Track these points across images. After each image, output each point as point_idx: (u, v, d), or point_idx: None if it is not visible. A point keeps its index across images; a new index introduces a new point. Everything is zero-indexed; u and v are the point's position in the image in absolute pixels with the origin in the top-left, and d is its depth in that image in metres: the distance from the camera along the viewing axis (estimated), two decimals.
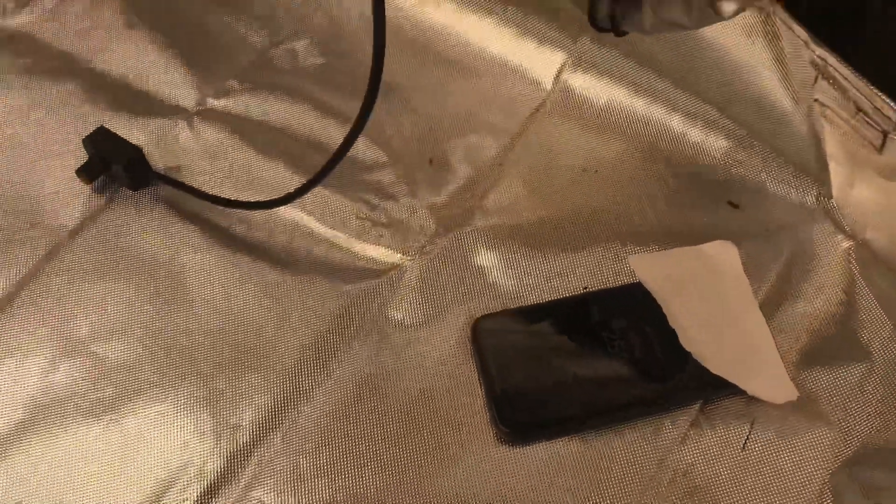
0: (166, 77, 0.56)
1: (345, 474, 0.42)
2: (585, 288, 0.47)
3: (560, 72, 0.54)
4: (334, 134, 0.54)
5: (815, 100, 0.44)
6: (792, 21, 0.43)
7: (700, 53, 0.50)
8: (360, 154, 0.53)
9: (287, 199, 0.48)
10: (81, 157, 0.51)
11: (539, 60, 0.55)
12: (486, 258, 0.48)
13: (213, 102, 0.55)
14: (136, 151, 0.51)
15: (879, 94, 0.39)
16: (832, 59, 0.41)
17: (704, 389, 0.43)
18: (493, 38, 0.56)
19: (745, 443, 0.42)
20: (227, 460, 0.42)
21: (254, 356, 0.45)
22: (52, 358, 0.45)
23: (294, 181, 0.51)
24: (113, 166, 0.51)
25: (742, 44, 0.47)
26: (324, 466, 0.42)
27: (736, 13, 0.35)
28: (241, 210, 0.50)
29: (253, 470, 0.42)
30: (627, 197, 0.50)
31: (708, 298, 0.45)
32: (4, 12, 0.60)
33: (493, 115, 0.54)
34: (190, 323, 0.46)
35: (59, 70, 0.56)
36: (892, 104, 0.38)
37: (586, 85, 0.53)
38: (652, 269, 0.46)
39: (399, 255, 0.49)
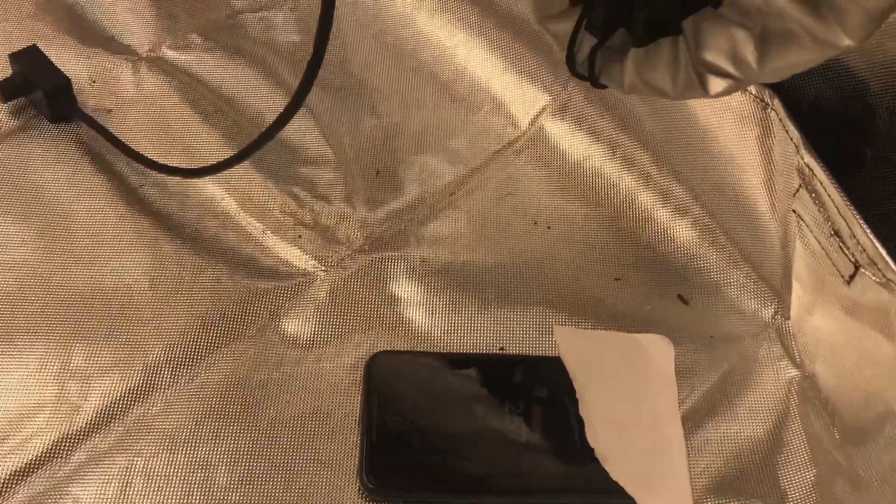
0: (125, 13, 0.52)
1: (177, 491, 0.37)
2: (501, 349, 0.42)
3: (539, 114, 0.50)
4: None
5: (793, 211, 0.39)
6: (788, 120, 0.38)
7: (687, 130, 0.46)
8: (305, 145, 0.49)
9: (206, 171, 0.44)
10: (5, 72, 0.47)
11: (521, 97, 0.50)
12: (405, 289, 0.44)
13: (167, 52, 0.51)
14: (64, 81, 0.46)
15: (860, 220, 0.34)
16: (819, 171, 0.36)
17: (594, 492, 0.38)
18: (480, 63, 0.52)
19: None
20: (55, 442, 0.37)
21: (121, 333, 0.41)
22: None
23: (226, 155, 0.46)
24: (35, 90, 0.46)
25: (733, 131, 0.43)
26: (155, 476, 0.37)
27: (723, 94, 0.31)
28: (158, 173, 0.45)
29: (78, 460, 0.37)
30: (574, 263, 0.45)
31: (628, 394, 0.41)
32: None
33: (457, 141, 0.50)
34: (66, 279, 0.42)
35: None
36: (870, 235, 0.34)
37: (562, 134, 0.49)
38: (577, 345, 0.42)
39: (313, 262, 0.44)
